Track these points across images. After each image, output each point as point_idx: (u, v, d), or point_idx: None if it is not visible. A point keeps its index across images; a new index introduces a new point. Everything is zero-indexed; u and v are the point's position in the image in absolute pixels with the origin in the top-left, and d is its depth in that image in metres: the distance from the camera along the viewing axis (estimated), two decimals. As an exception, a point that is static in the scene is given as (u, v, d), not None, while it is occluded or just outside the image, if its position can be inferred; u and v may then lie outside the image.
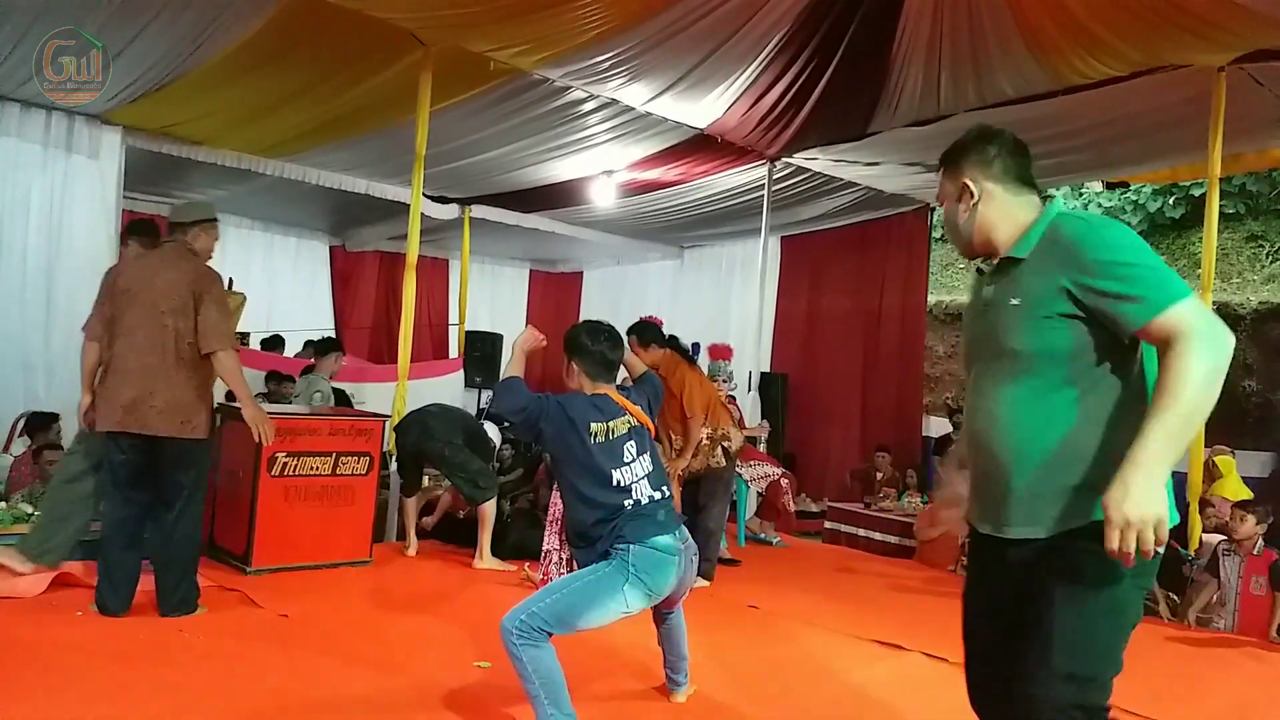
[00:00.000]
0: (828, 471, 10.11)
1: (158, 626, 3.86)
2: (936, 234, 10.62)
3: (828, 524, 8.23)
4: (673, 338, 5.70)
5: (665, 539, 3.01)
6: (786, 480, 7.20)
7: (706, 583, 5.32)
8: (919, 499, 8.28)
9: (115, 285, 4.11)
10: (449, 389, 8.83)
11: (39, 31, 5.78)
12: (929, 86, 6.62)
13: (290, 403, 6.78)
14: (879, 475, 9.04)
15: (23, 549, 4.31)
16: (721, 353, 7.14)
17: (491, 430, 6.40)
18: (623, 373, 3.61)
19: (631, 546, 2.95)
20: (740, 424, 7.31)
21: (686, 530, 3.17)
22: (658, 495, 3.10)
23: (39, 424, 6.28)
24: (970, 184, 2.07)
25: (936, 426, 10.14)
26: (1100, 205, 11.87)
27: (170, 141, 7.70)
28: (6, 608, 3.96)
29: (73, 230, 7.23)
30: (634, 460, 3.10)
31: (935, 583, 6.31)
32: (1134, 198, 11.64)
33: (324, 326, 11.22)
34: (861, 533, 7.85)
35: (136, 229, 4.64)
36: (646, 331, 5.39)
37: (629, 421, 3.16)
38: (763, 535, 7.33)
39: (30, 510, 5.04)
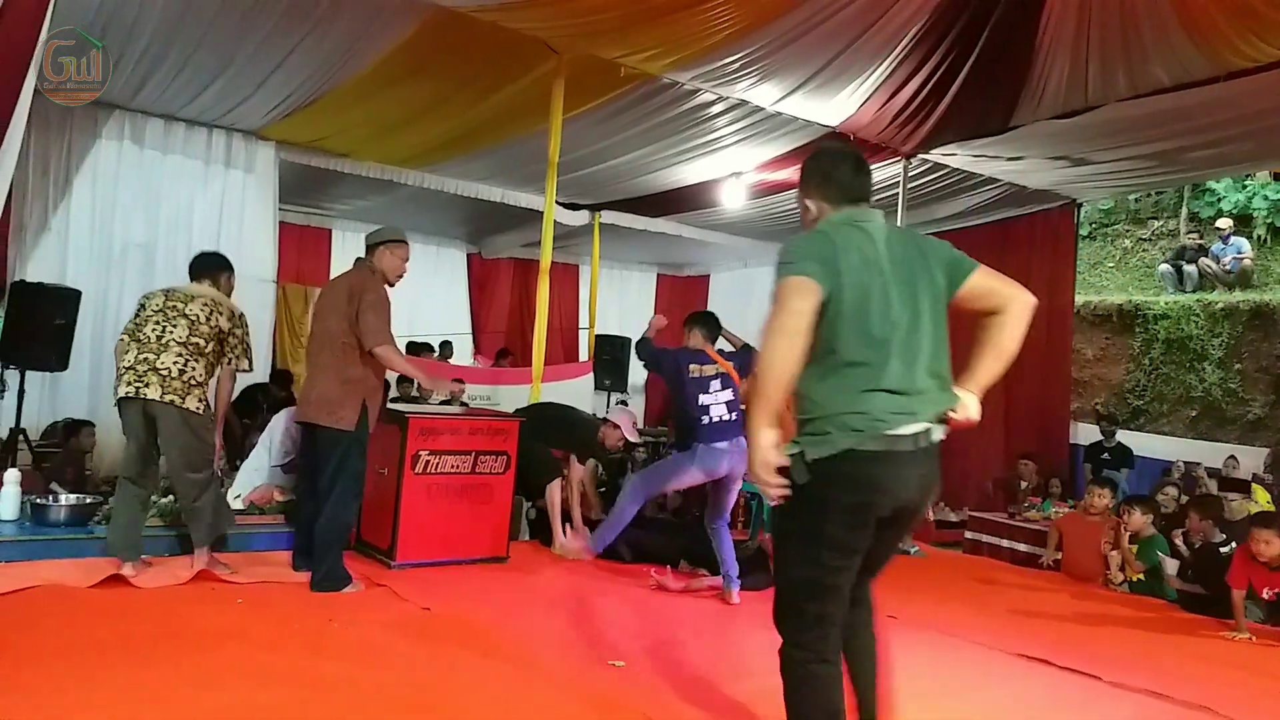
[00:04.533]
0: (968, 480, 9.72)
1: (310, 618, 4.04)
2: (1084, 231, 10.12)
3: (968, 534, 7.92)
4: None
5: (722, 444, 4.84)
6: (924, 487, 6.97)
7: None
8: (1065, 508, 7.88)
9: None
10: (579, 391, 8.95)
11: (201, 58, 6.16)
12: (1076, 76, 6.31)
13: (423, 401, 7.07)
14: (1023, 484, 8.68)
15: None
16: None
17: (623, 417, 6.45)
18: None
19: (698, 445, 4.85)
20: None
21: (743, 439, 4.48)
22: (728, 416, 4.87)
23: None
24: None
25: (1085, 434, 9.66)
26: (1267, 197, 11.08)
27: (319, 155, 8.11)
28: (167, 595, 4.22)
29: (233, 242, 7.66)
30: (717, 391, 4.90)
31: (1083, 597, 6.00)
32: (1304, 188, 10.82)
33: (462, 330, 11.59)
34: (1005, 543, 7.53)
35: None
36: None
37: (717, 369, 4.97)
38: (900, 544, 7.12)
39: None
